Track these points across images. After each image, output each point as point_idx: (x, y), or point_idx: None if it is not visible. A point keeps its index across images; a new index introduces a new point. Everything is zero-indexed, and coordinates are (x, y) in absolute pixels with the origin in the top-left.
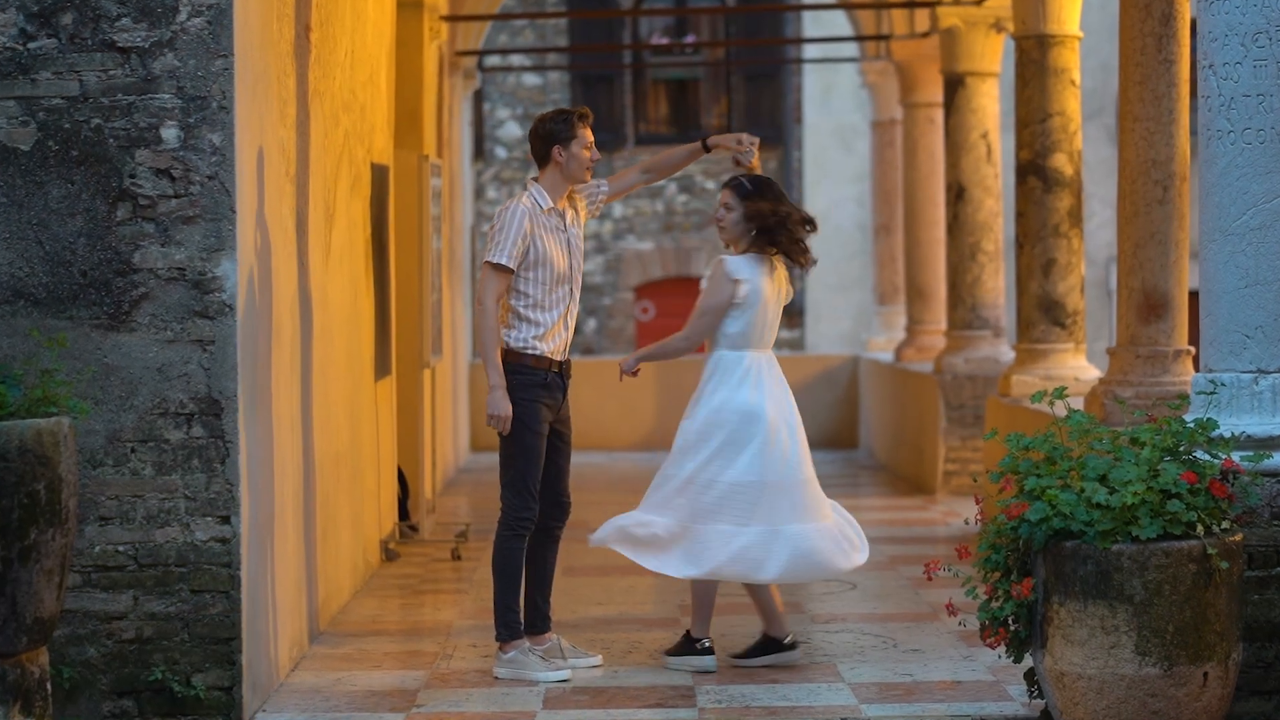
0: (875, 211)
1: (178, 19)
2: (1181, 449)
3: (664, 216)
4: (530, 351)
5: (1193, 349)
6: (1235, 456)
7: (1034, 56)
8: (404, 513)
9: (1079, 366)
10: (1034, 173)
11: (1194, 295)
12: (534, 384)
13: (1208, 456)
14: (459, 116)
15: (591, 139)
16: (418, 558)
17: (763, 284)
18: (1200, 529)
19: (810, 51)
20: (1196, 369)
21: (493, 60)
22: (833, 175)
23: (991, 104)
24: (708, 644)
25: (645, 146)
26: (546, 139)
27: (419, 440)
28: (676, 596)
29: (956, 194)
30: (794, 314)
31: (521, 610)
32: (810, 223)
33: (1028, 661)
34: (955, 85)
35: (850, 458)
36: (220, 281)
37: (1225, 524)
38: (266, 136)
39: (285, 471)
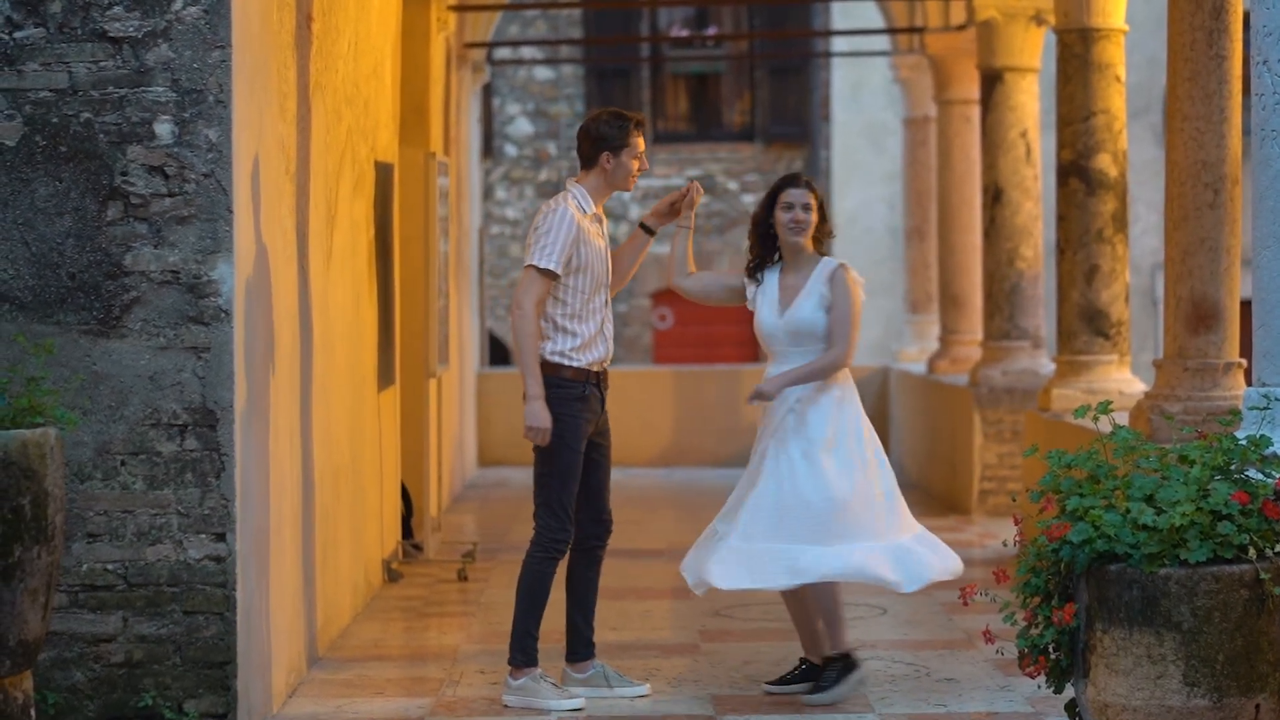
0: (907, 214)
1: (172, 8)
2: (1233, 467)
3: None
4: (568, 364)
5: (1245, 361)
6: None
7: (1076, 51)
8: (408, 531)
9: (1123, 380)
10: (1076, 174)
11: (1246, 305)
12: (572, 398)
13: (1261, 475)
14: (467, 112)
15: (643, 148)
16: (422, 578)
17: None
18: (1252, 552)
19: (839, 45)
20: (1249, 383)
21: (503, 53)
22: (862, 175)
23: (1031, 101)
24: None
25: (664, 145)
26: (597, 142)
27: (424, 454)
28: (696, 621)
29: (994, 196)
30: None
31: (564, 634)
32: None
33: (1069, 692)
34: (993, 81)
35: None
36: (216, 285)
37: (1279, 547)
38: (265, 133)
39: (283, 486)
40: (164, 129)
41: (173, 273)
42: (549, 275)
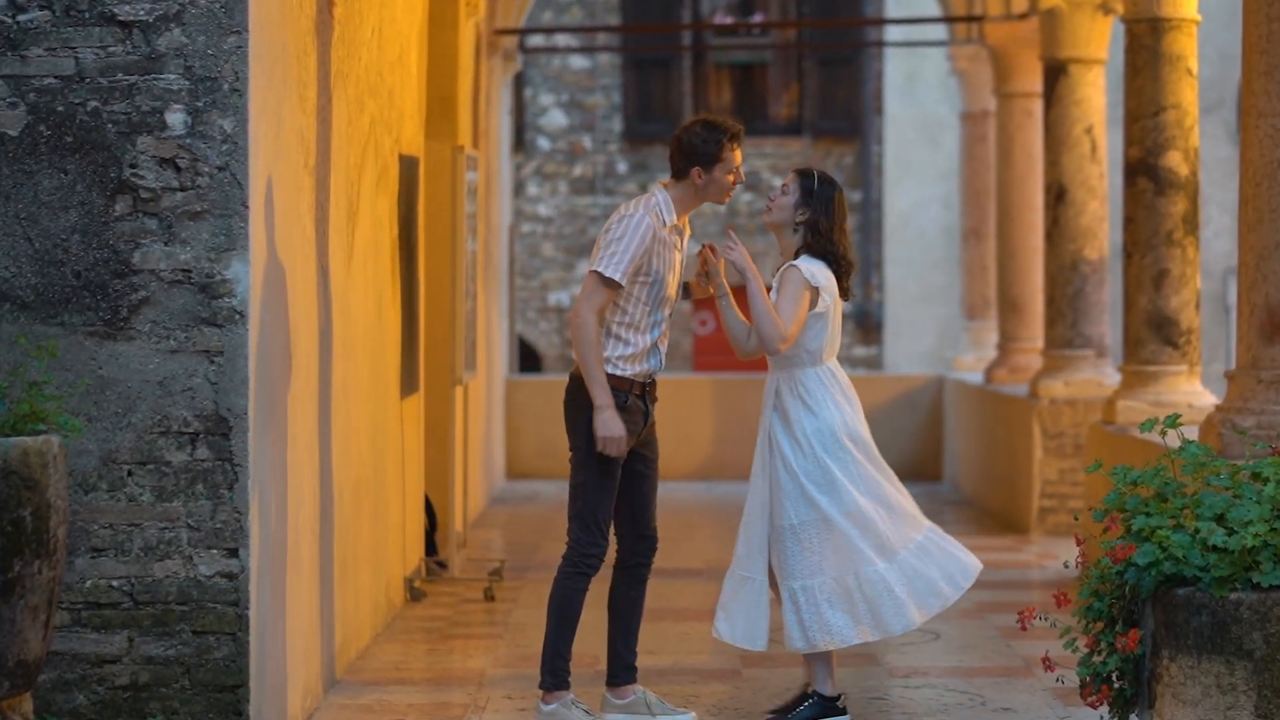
0: (964, 214)
1: None
2: None
3: (726, 217)
4: (614, 371)
5: None
6: None
7: (1146, 42)
8: (431, 547)
9: (1193, 391)
10: (1144, 173)
11: None
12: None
13: None
14: (497, 103)
15: (739, 161)
16: (446, 598)
17: (833, 287)
18: None
19: (893, 34)
20: None
21: (536, 40)
22: (916, 173)
23: (1097, 95)
24: (842, 703)
25: None
26: (688, 156)
27: (449, 466)
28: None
29: (1056, 195)
30: (871, 329)
31: (600, 658)
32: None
33: None
34: (1056, 73)
35: (933, 491)
36: (230, 285)
37: None
38: (283, 123)
39: (300, 499)
40: (176, 119)
41: (184, 271)
42: (612, 285)
